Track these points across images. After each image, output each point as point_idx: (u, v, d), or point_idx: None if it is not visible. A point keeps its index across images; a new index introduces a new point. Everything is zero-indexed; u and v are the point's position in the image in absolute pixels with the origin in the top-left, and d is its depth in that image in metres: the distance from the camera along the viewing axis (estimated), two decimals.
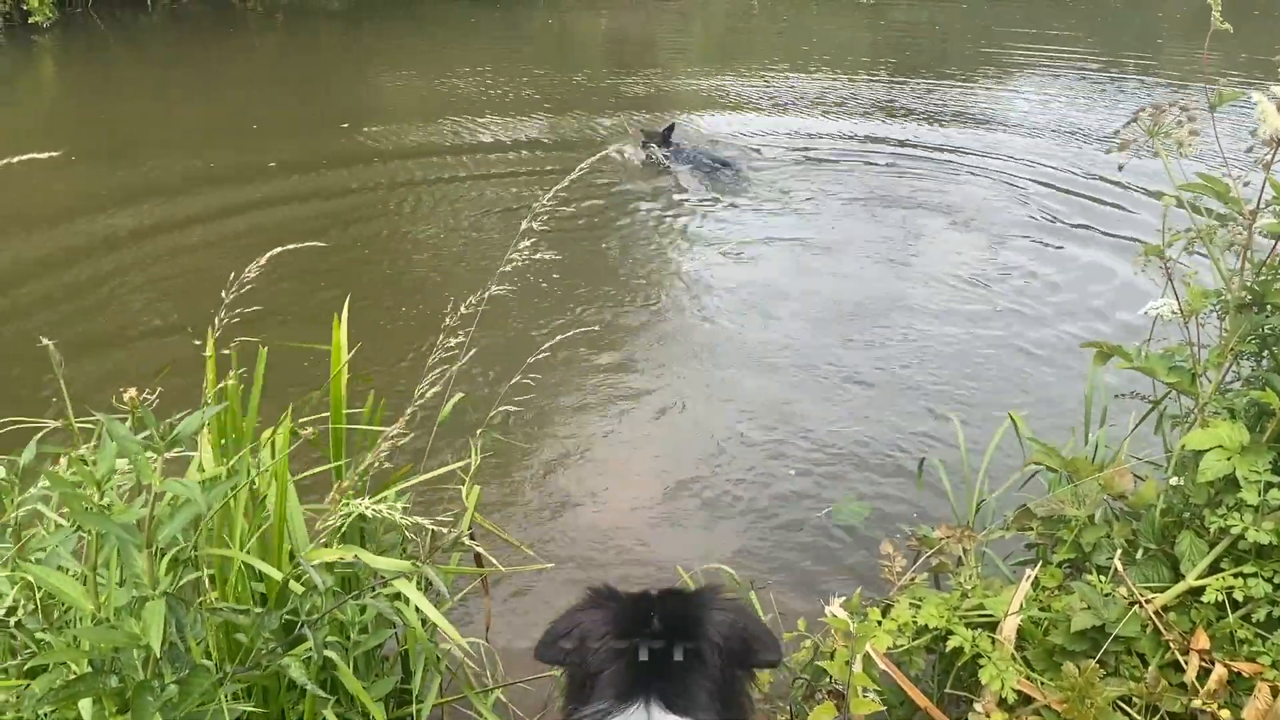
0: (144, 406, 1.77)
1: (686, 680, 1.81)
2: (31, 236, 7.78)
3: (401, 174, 9.41)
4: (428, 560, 1.75)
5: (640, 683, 1.80)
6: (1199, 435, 2.84)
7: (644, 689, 1.78)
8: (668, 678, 1.81)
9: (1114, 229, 8.28)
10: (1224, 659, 2.75)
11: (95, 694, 1.89)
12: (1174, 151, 3.15)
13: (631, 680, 1.81)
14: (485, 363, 5.12)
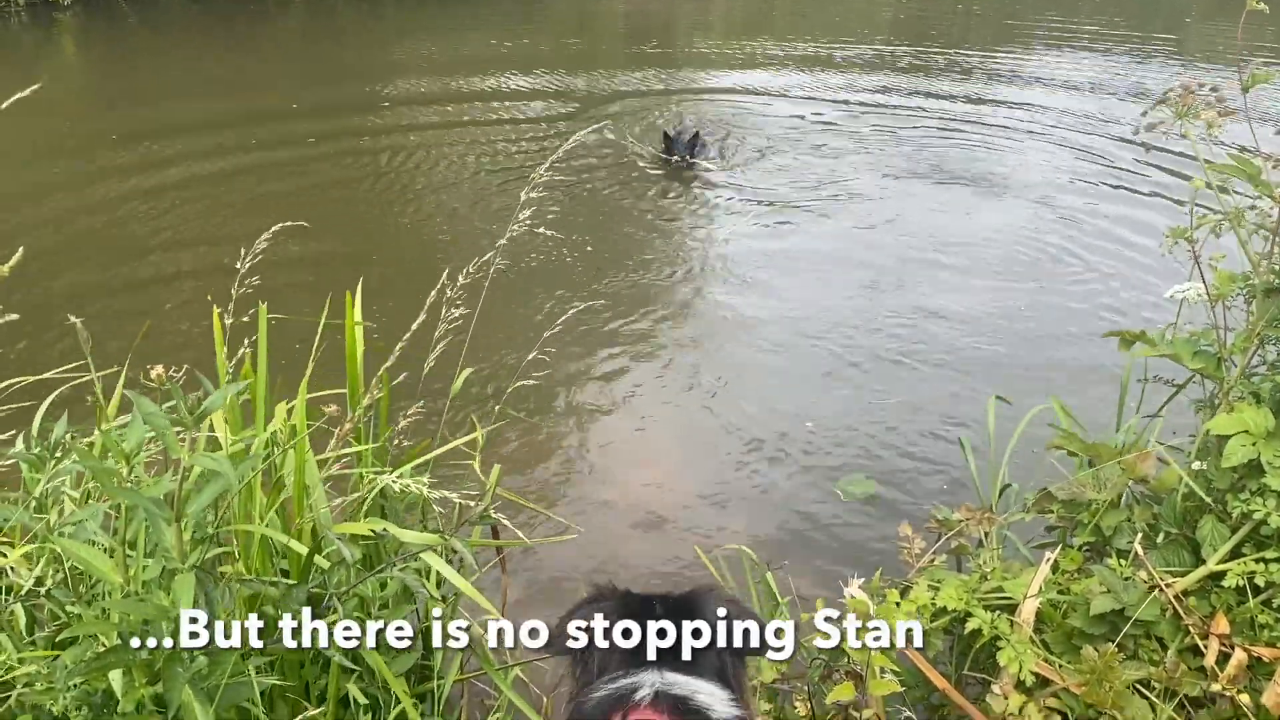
0: (171, 381, 1.79)
1: (692, 655, 1.94)
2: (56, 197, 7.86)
3: (417, 142, 9.42)
4: (454, 533, 1.77)
5: (648, 657, 1.93)
6: (1224, 420, 2.82)
7: (652, 661, 1.92)
8: (674, 654, 1.94)
9: (1146, 201, 8.19)
10: (1244, 644, 2.74)
11: (125, 665, 1.91)
12: (1203, 133, 3.12)
13: (640, 656, 1.94)
14: (502, 335, 5.13)
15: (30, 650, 2.10)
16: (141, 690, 1.94)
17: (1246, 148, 3.08)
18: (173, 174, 8.49)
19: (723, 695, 1.90)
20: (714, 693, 1.90)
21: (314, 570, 2.18)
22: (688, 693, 1.88)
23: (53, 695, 1.99)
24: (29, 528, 2.33)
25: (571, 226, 7.47)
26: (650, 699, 1.86)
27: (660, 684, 1.89)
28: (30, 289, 6.25)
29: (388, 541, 2.03)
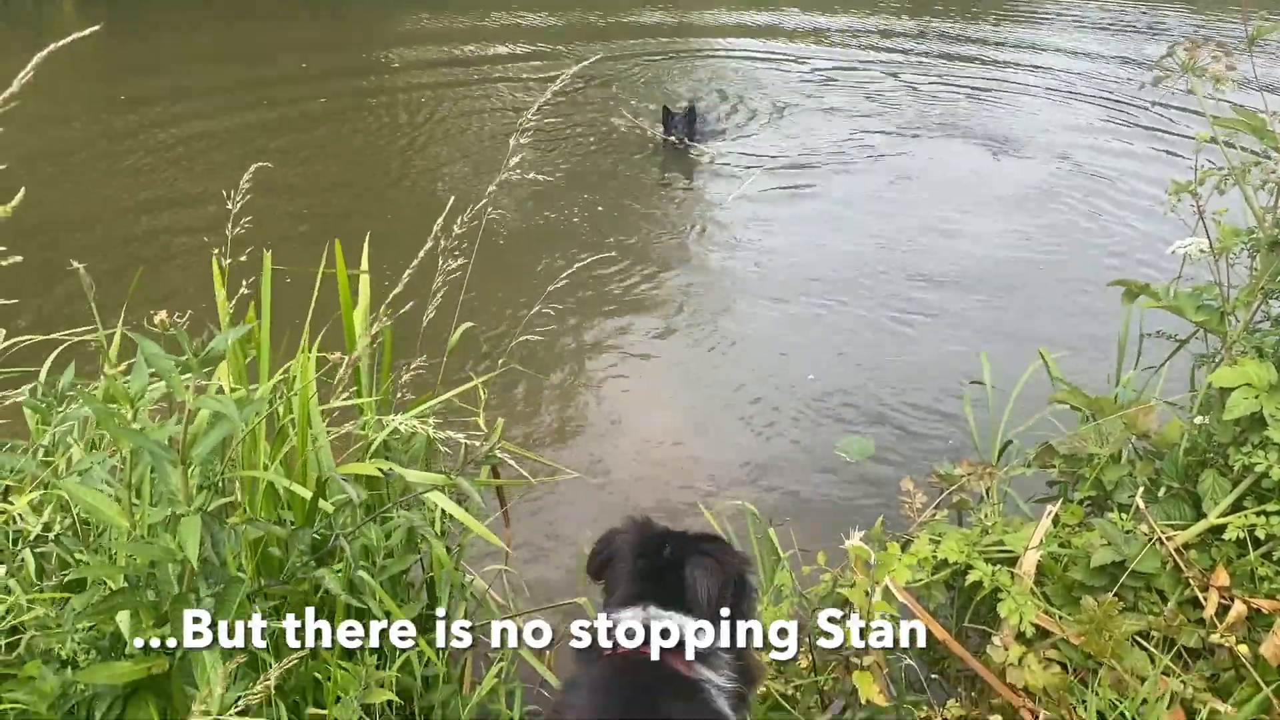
0: (175, 325, 1.79)
1: (682, 594, 2.09)
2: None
3: (421, 101, 9.38)
4: (459, 472, 1.78)
5: (643, 592, 2.10)
6: (1226, 373, 2.82)
7: (646, 595, 2.09)
8: (668, 588, 2.10)
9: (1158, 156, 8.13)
10: (1243, 596, 2.76)
11: (133, 607, 1.93)
12: (1210, 87, 3.10)
13: (637, 590, 2.11)
14: (505, 291, 5.12)
15: (39, 596, 2.11)
16: (149, 632, 1.95)
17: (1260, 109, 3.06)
18: (177, 133, 8.47)
19: (703, 631, 2.00)
20: (693, 626, 2.03)
21: (319, 517, 2.19)
22: (667, 626, 2.02)
23: (61, 638, 2.01)
24: (36, 476, 2.34)
25: (579, 184, 7.45)
26: (631, 635, 1.95)
27: (645, 618, 2.03)
28: (35, 241, 6.24)
29: (394, 482, 2.04)
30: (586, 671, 2.04)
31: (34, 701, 1.94)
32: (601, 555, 2.25)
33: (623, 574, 2.17)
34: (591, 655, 2.05)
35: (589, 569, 2.29)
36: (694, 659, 2.01)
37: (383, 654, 2.57)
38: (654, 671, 1.97)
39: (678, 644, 2.01)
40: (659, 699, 1.89)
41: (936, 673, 3.17)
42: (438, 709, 2.62)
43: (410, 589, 2.89)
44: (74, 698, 2.01)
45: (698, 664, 2.01)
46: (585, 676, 2.04)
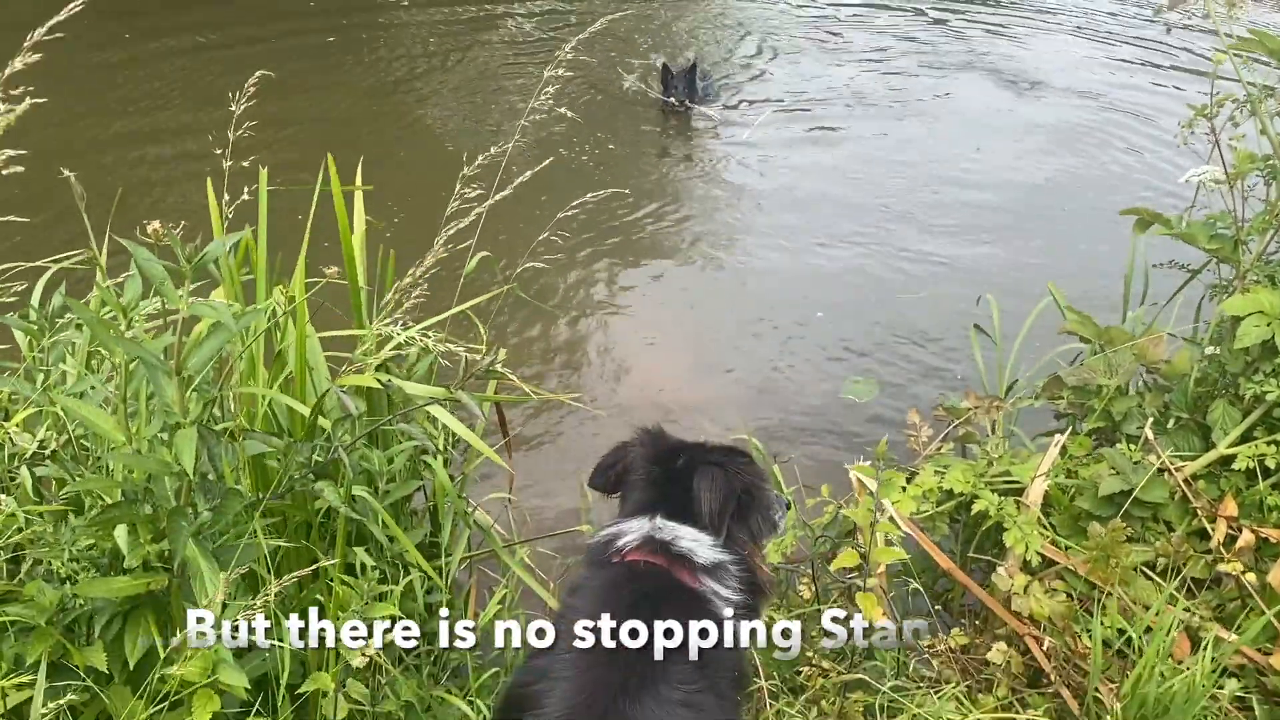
0: (170, 233, 1.74)
1: (691, 505, 2.08)
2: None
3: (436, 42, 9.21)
4: (460, 385, 1.75)
5: (651, 501, 2.10)
6: (1238, 301, 2.78)
7: (654, 507, 2.08)
8: (674, 499, 2.09)
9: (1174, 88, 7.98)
10: (1251, 525, 2.73)
11: (130, 521, 1.91)
12: (1225, 12, 3.02)
13: (647, 500, 2.11)
14: (511, 220, 5.05)
15: (36, 510, 2.09)
16: (147, 547, 1.93)
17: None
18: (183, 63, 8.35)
19: (708, 541, 1.99)
20: (699, 538, 2.03)
21: (320, 436, 2.16)
22: (671, 538, 2.02)
23: (59, 554, 1.99)
24: (29, 397, 2.31)
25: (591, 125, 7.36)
26: (637, 544, 1.94)
27: (650, 529, 2.03)
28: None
29: (394, 395, 2.01)
30: (591, 576, 2.04)
31: (32, 615, 1.93)
32: (612, 467, 2.23)
33: (635, 484, 2.16)
34: (598, 561, 2.04)
35: (593, 481, 2.26)
36: (699, 570, 2.00)
37: (385, 579, 2.56)
38: (657, 580, 1.96)
39: (682, 555, 1.99)
40: (661, 607, 1.87)
41: (940, 605, 3.16)
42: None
43: (414, 516, 2.88)
44: (73, 613, 2.00)
45: (703, 575, 2.00)
46: (589, 581, 2.03)
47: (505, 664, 2.80)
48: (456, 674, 2.71)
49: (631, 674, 1.79)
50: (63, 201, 2.56)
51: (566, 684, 1.79)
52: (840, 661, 2.71)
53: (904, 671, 2.69)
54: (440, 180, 2.94)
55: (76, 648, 1.99)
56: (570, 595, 2.03)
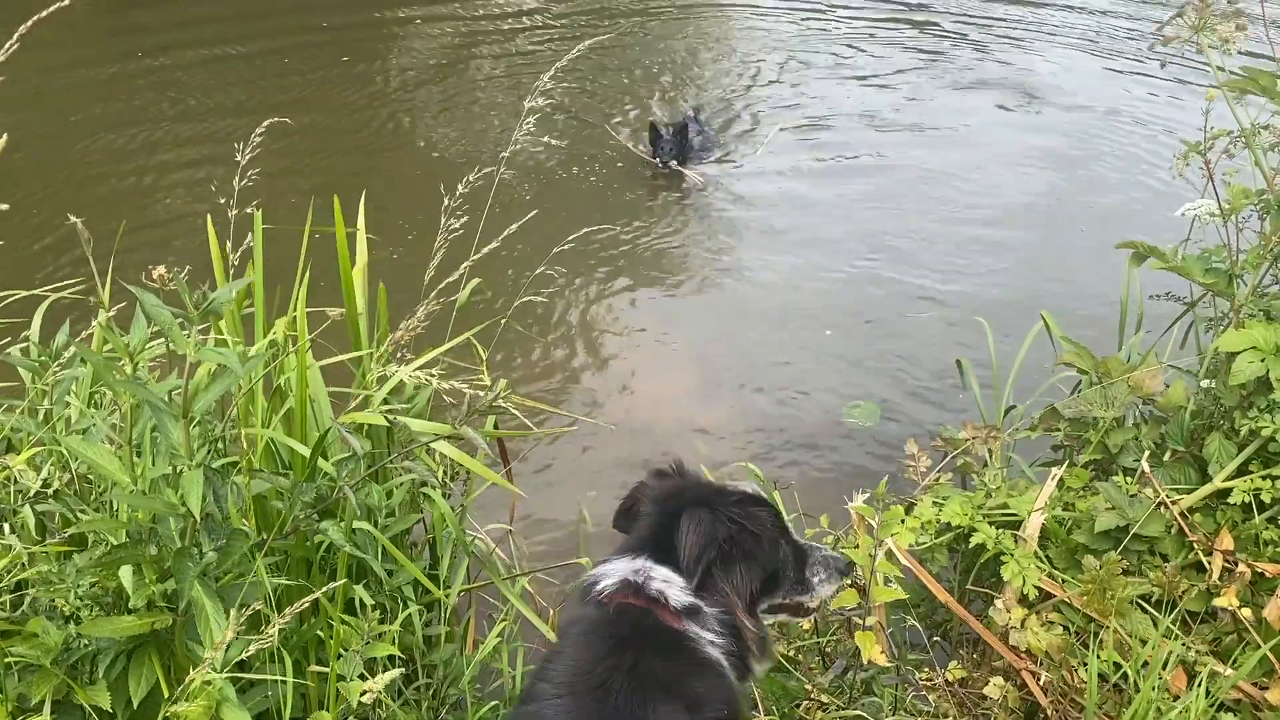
0: (176, 278, 1.77)
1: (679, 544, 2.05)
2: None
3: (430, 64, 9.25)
4: (464, 421, 1.77)
5: (643, 543, 2.11)
6: (1233, 337, 2.80)
7: (643, 548, 2.09)
8: (666, 540, 2.07)
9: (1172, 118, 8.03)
10: (1247, 559, 2.75)
11: (135, 561, 1.92)
12: (1219, 47, 3.06)
13: (637, 541, 2.13)
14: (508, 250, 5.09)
15: (41, 550, 2.11)
16: (152, 587, 1.95)
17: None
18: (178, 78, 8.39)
19: (680, 583, 2.02)
20: (670, 579, 2.02)
21: (321, 475, 2.18)
22: (644, 579, 2.02)
23: (64, 593, 2.00)
24: (34, 435, 2.33)
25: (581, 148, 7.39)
26: (615, 586, 2.00)
27: (629, 571, 2.03)
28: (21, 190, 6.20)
29: (397, 433, 2.03)
30: (579, 617, 2.05)
31: (37, 655, 1.94)
32: (629, 509, 2.24)
33: (636, 523, 2.18)
34: (585, 601, 2.05)
35: (616, 522, 2.28)
36: (681, 613, 1.99)
37: (385, 613, 2.57)
38: (639, 621, 1.96)
39: (656, 596, 1.99)
40: (643, 650, 1.89)
41: (939, 636, 3.17)
42: (440, 667, 2.63)
43: (413, 549, 2.89)
44: (77, 652, 2.01)
45: (685, 619, 1.99)
46: (575, 623, 2.04)
47: (504, 697, 2.82)
48: (456, 707, 2.72)
49: (619, 716, 1.80)
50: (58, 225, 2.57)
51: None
52: (839, 696, 2.73)
53: (901, 706, 2.70)
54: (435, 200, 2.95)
55: (80, 686, 2.00)
56: (560, 637, 2.05)
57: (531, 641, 3.02)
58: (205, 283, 1.76)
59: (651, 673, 1.87)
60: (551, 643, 2.08)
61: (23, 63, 2.14)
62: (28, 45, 2.01)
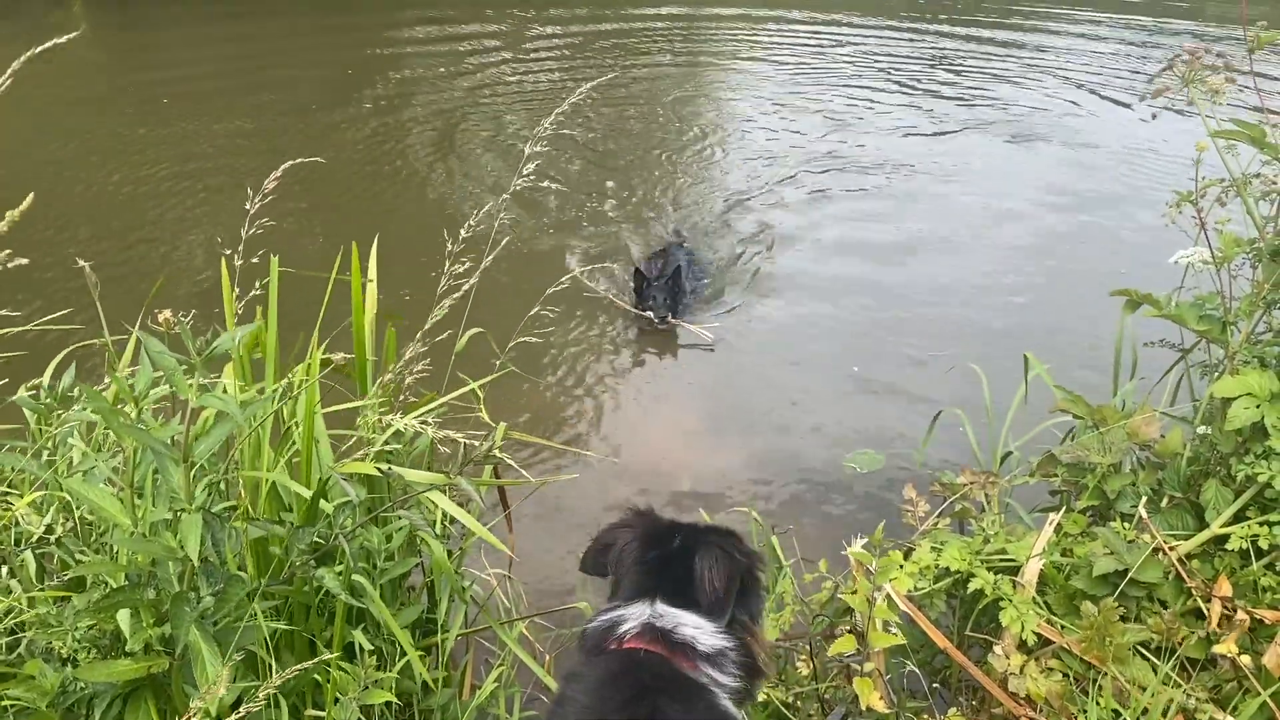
0: (181, 324, 1.79)
1: (688, 588, 2.06)
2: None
3: (430, 111, 9.42)
4: (460, 471, 1.78)
5: (649, 586, 2.07)
6: (1228, 383, 2.82)
7: (652, 590, 2.05)
8: (673, 583, 2.07)
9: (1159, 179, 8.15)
10: (1246, 606, 2.75)
11: (133, 605, 1.93)
12: (1209, 99, 3.11)
13: (643, 583, 2.08)
14: (502, 292, 5.12)
15: (40, 594, 2.12)
16: (149, 630, 1.95)
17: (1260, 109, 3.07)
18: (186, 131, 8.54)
19: (710, 628, 1.97)
20: (701, 624, 1.98)
21: (321, 518, 2.19)
22: (673, 625, 1.99)
23: (61, 636, 2.01)
24: (37, 477, 2.35)
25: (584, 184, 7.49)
26: (636, 631, 1.93)
27: (649, 616, 2.00)
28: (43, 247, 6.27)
29: (394, 483, 2.04)
30: (590, 665, 2.00)
31: (33, 698, 1.94)
32: (604, 548, 2.20)
33: (630, 565, 2.13)
34: (596, 648, 2.01)
35: (585, 564, 2.24)
36: (699, 659, 1.98)
37: (383, 656, 2.57)
38: (657, 669, 1.94)
39: (683, 643, 1.97)
40: (661, 700, 1.86)
41: (938, 682, 3.16)
42: (437, 712, 2.62)
43: (410, 592, 2.89)
44: (73, 695, 2.01)
45: (703, 663, 1.97)
46: (588, 670, 1.99)
47: None
48: None
49: None
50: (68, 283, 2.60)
51: None
52: None
53: None
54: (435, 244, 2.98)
55: None
56: (568, 683, 1.99)
57: (528, 686, 3.02)
58: (209, 329, 1.78)
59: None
60: (560, 690, 2.02)
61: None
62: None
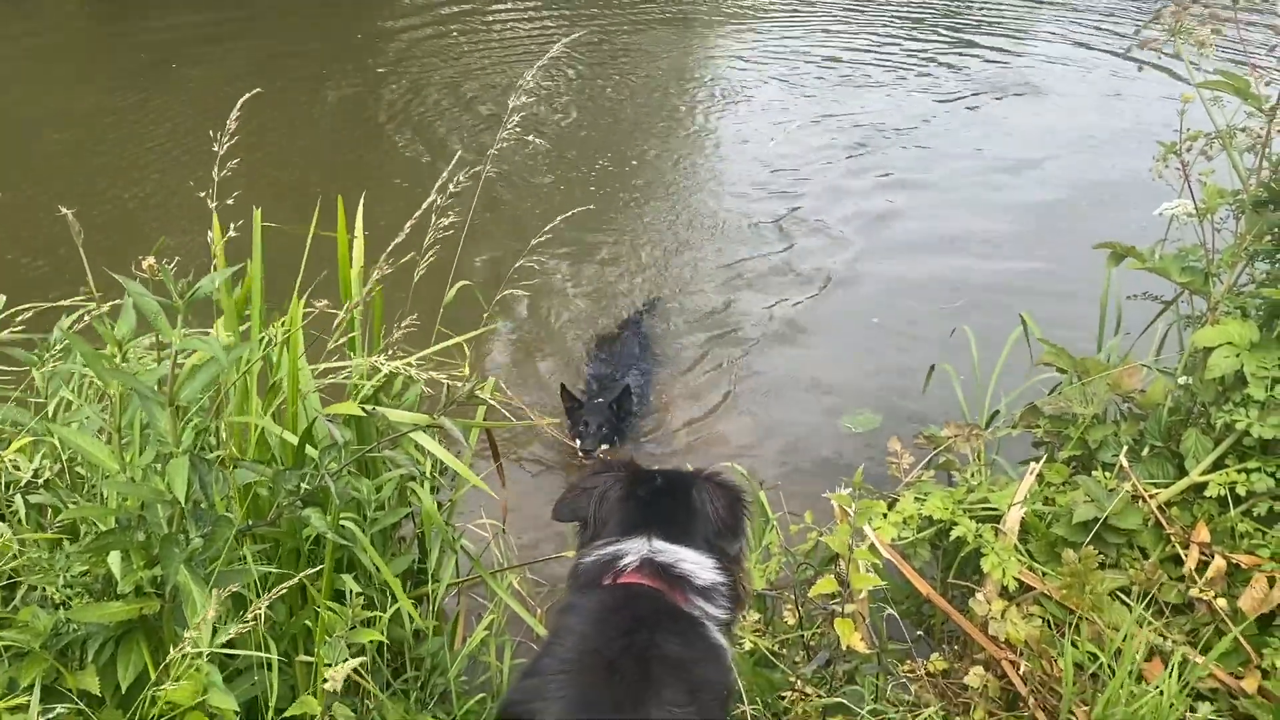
0: (163, 269, 1.81)
1: (683, 523, 2.13)
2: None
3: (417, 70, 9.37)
4: (443, 411, 1.80)
5: (643, 522, 2.12)
6: (1209, 333, 2.85)
7: (645, 526, 2.11)
8: (667, 520, 2.13)
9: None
10: (1223, 551, 2.79)
11: (123, 548, 1.96)
12: (1195, 51, 3.12)
13: (635, 520, 2.13)
14: (488, 245, 5.11)
15: (32, 537, 2.15)
16: (140, 573, 1.99)
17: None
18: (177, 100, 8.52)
19: (708, 563, 2.01)
20: (699, 560, 2.01)
21: (308, 463, 2.22)
22: (672, 559, 1.99)
23: (53, 580, 2.04)
24: (26, 427, 2.37)
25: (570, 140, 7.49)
26: (636, 565, 1.97)
27: (647, 551, 2.00)
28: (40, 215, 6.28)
29: (379, 425, 2.07)
30: (586, 598, 2.04)
31: (27, 640, 1.97)
32: (581, 492, 2.23)
33: (617, 504, 2.17)
34: (591, 583, 2.05)
35: (559, 510, 2.26)
36: (693, 592, 2.03)
37: (375, 605, 2.61)
38: (653, 603, 1.98)
39: (682, 577, 2.02)
40: (658, 634, 1.90)
41: (921, 632, 3.21)
42: (428, 659, 2.66)
43: (402, 543, 2.93)
44: (66, 637, 2.05)
45: (696, 596, 2.03)
46: (584, 603, 2.03)
47: (491, 691, 2.85)
48: (443, 700, 2.75)
49: (625, 695, 1.81)
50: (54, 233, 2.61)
51: (560, 704, 1.80)
52: (821, 686, 2.76)
53: (883, 696, 2.74)
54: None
55: (70, 672, 2.04)
56: (565, 615, 2.03)
57: (519, 635, 3.06)
58: (190, 273, 1.80)
59: (662, 655, 1.89)
60: (556, 622, 2.05)
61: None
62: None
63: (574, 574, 2.16)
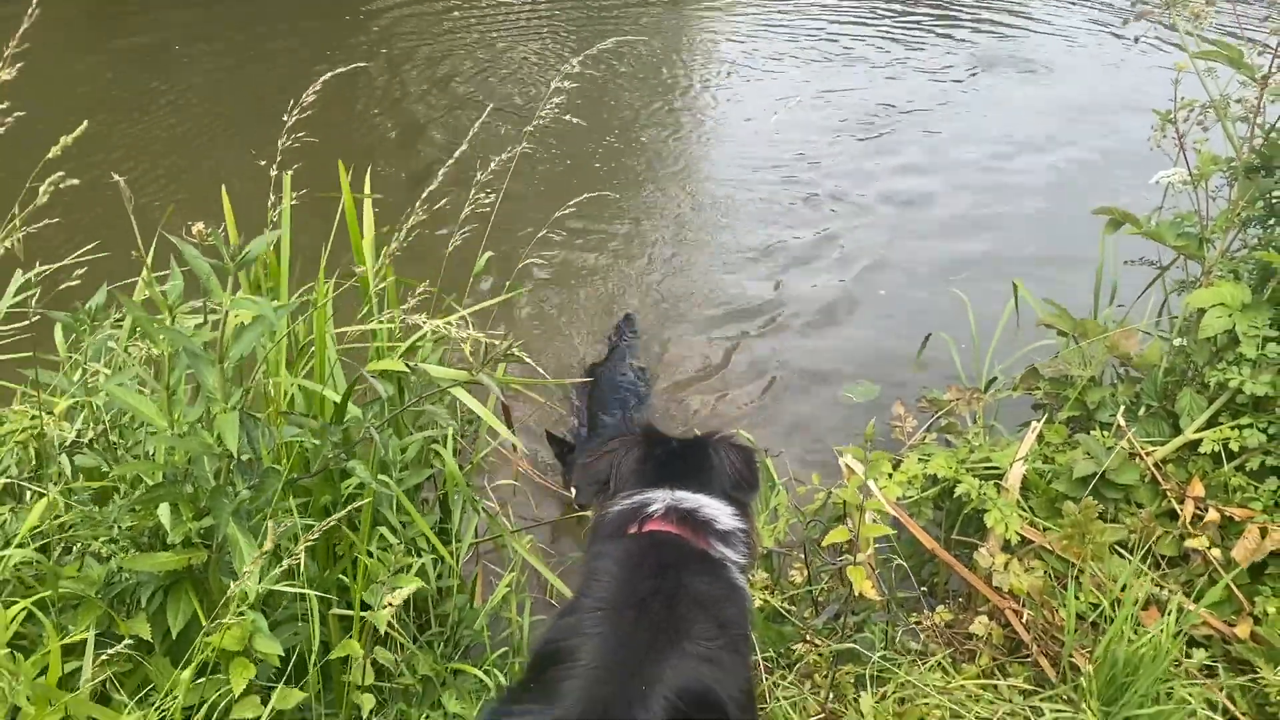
0: (214, 233, 1.89)
1: (702, 476, 2.28)
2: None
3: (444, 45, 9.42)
4: (482, 369, 1.90)
5: (664, 476, 2.27)
6: (1202, 294, 2.96)
7: (667, 480, 2.25)
8: (687, 474, 2.28)
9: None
10: (1217, 505, 2.90)
11: (173, 499, 2.05)
12: (1191, 22, 3.20)
13: (657, 475, 2.28)
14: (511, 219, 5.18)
15: (82, 487, 2.23)
16: (189, 524, 2.08)
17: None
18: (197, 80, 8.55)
19: (727, 510, 2.12)
20: (719, 507, 2.13)
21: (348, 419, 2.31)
22: (695, 506, 2.11)
23: (104, 531, 2.13)
24: (68, 391, 2.45)
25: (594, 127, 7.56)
26: (661, 512, 2.08)
27: (670, 500, 2.11)
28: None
29: (419, 378, 2.16)
30: (614, 545, 2.14)
31: (82, 588, 2.07)
32: (598, 458, 2.37)
33: (636, 465, 2.31)
34: (618, 532, 2.17)
35: (576, 480, 2.42)
36: (715, 537, 2.15)
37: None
38: (680, 547, 2.10)
39: (705, 522, 2.15)
40: (685, 574, 2.02)
41: (926, 589, 3.32)
42: (453, 613, 2.76)
43: (425, 504, 3.03)
44: (118, 586, 2.14)
45: (718, 541, 2.15)
46: (614, 549, 2.13)
47: (512, 646, 2.95)
48: (469, 653, 2.85)
49: (659, 631, 1.90)
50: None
51: (597, 639, 1.89)
52: (831, 636, 2.87)
53: (892, 644, 2.85)
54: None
55: (121, 619, 2.13)
56: (595, 560, 2.13)
57: (538, 595, 3.16)
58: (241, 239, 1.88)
59: (692, 594, 2.00)
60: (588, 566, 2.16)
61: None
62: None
63: (600, 524, 2.28)
